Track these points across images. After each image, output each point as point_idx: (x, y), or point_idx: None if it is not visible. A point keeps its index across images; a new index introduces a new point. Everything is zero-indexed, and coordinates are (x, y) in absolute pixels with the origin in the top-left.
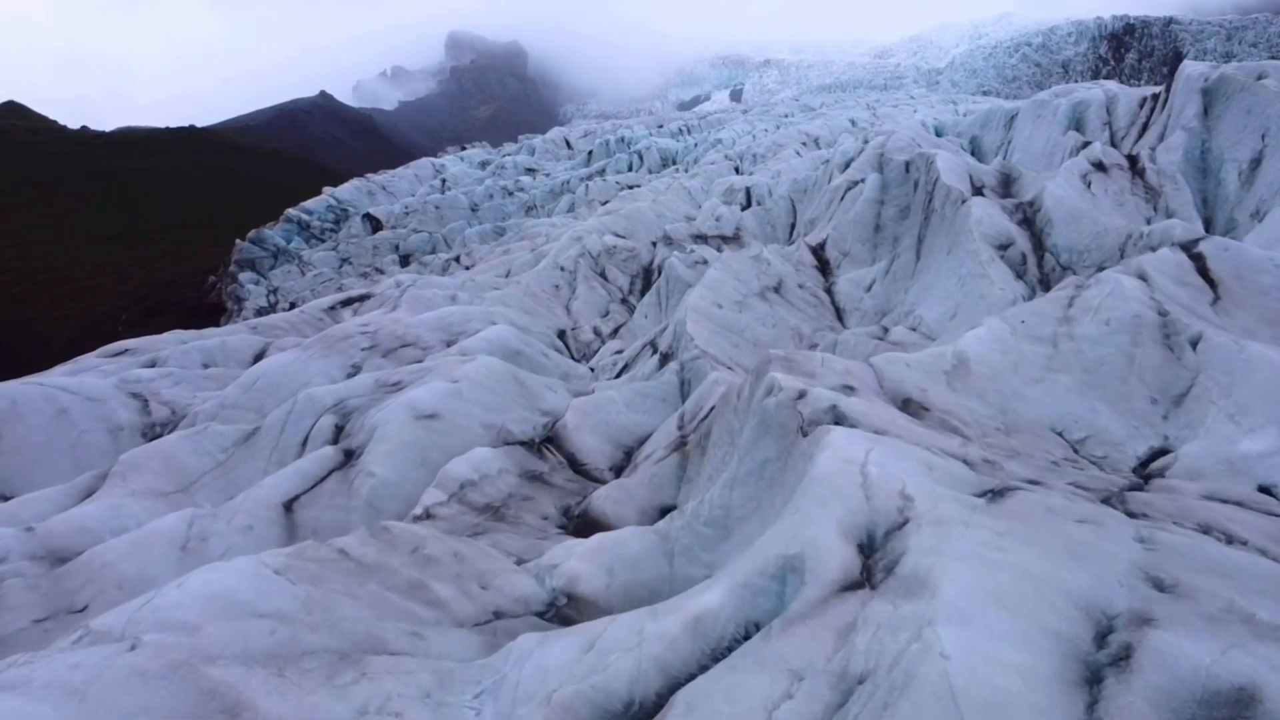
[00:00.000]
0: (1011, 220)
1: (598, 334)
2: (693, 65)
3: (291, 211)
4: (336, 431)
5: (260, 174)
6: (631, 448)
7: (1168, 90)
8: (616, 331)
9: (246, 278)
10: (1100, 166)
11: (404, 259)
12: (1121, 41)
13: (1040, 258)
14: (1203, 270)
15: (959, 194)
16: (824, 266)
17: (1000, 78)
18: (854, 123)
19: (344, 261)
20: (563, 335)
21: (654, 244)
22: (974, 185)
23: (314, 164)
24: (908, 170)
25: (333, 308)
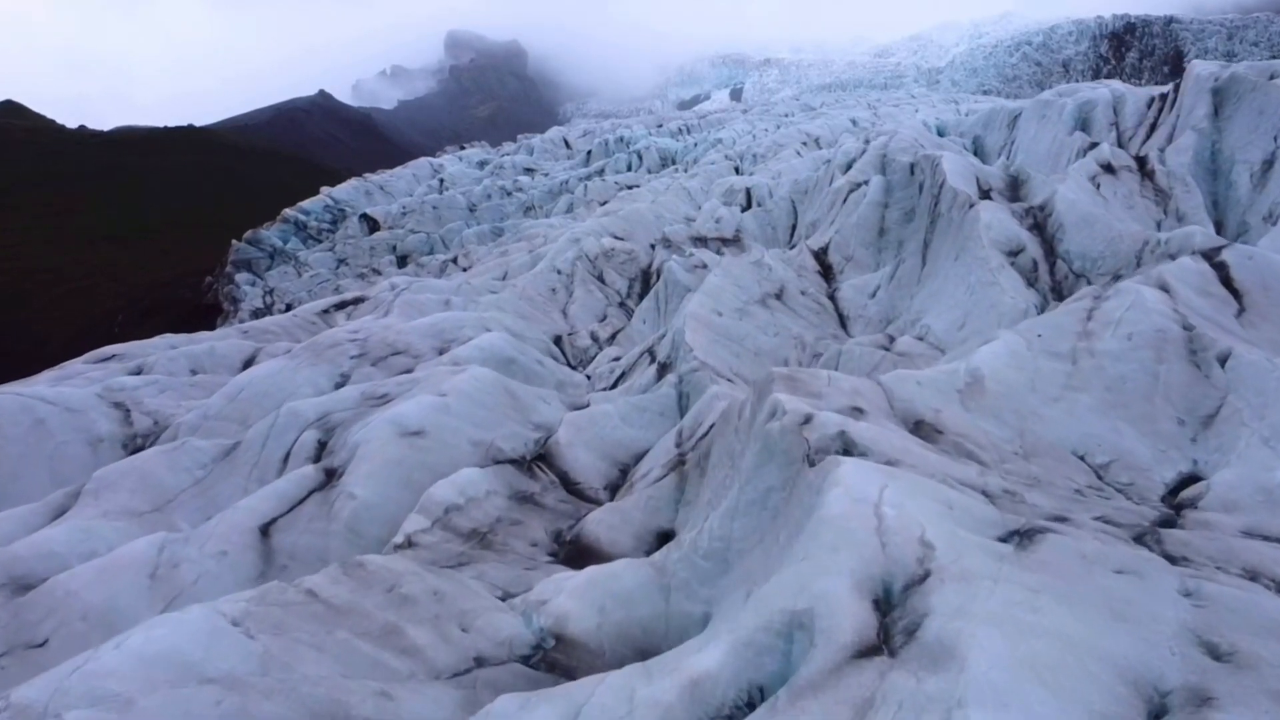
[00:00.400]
0: (1022, 225)
1: (595, 339)
2: (693, 64)
3: (288, 212)
4: (319, 448)
5: (259, 173)
6: (627, 465)
7: (1176, 90)
8: (614, 337)
9: (243, 279)
10: (1109, 168)
11: (401, 260)
12: (1122, 40)
13: (1052, 264)
14: (1226, 280)
15: (966, 197)
16: (827, 272)
17: (1001, 77)
18: (855, 122)
19: (341, 262)
20: (559, 341)
21: (653, 246)
22: (981, 188)
23: (313, 163)
24: (912, 172)
25: (326, 311)
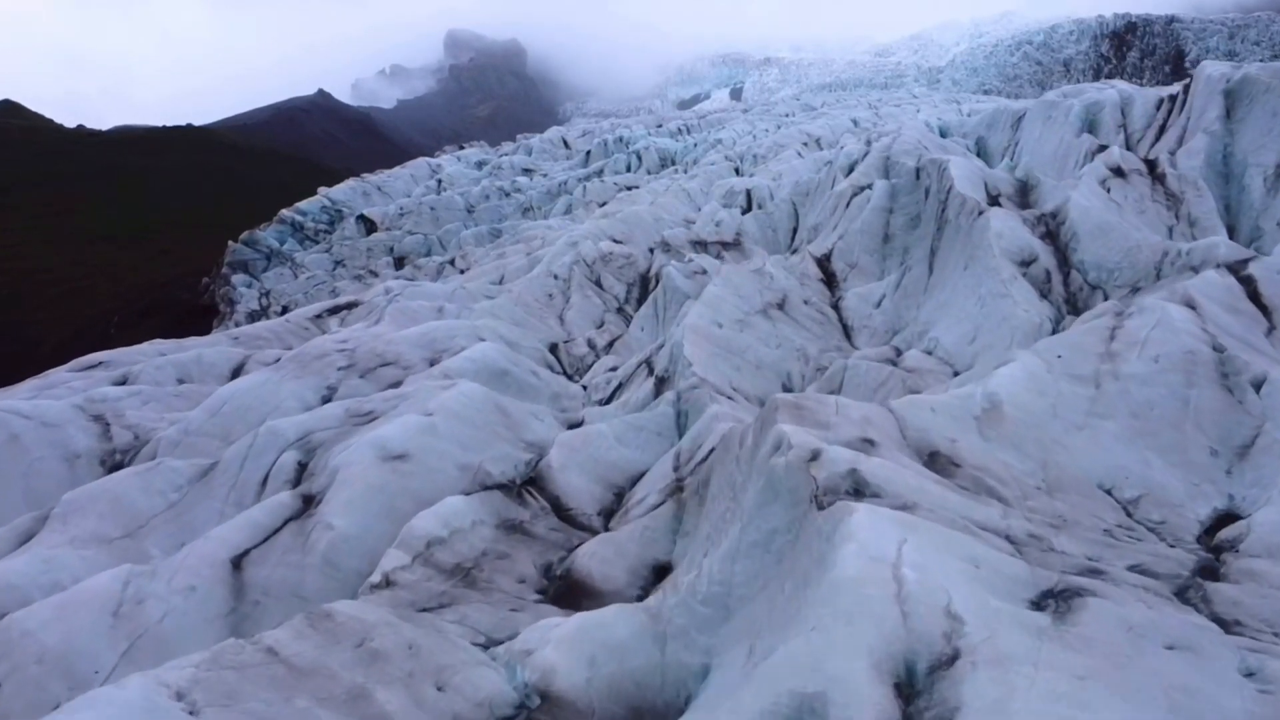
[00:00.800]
0: (1033, 234)
1: (592, 347)
2: (692, 64)
3: (285, 212)
4: (299, 470)
5: (258, 173)
6: (623, 488)
7: (1186, 91)
8: (611, 345)
9: (239, 280)
10: (1119, 172)
11: (398, 261)
12: (1123, 40)
13: (1065, 275)
14: (1253, 295)
15: (975, 204)
16: (830, 279)
17: (1001, 76)
18: (856, 123)
19: (338, 264)
20: (555, 349)
21: (651, 250)
22: (989, 193)
23: (312, 163)
24: (918, 177)
25: (319, 316)
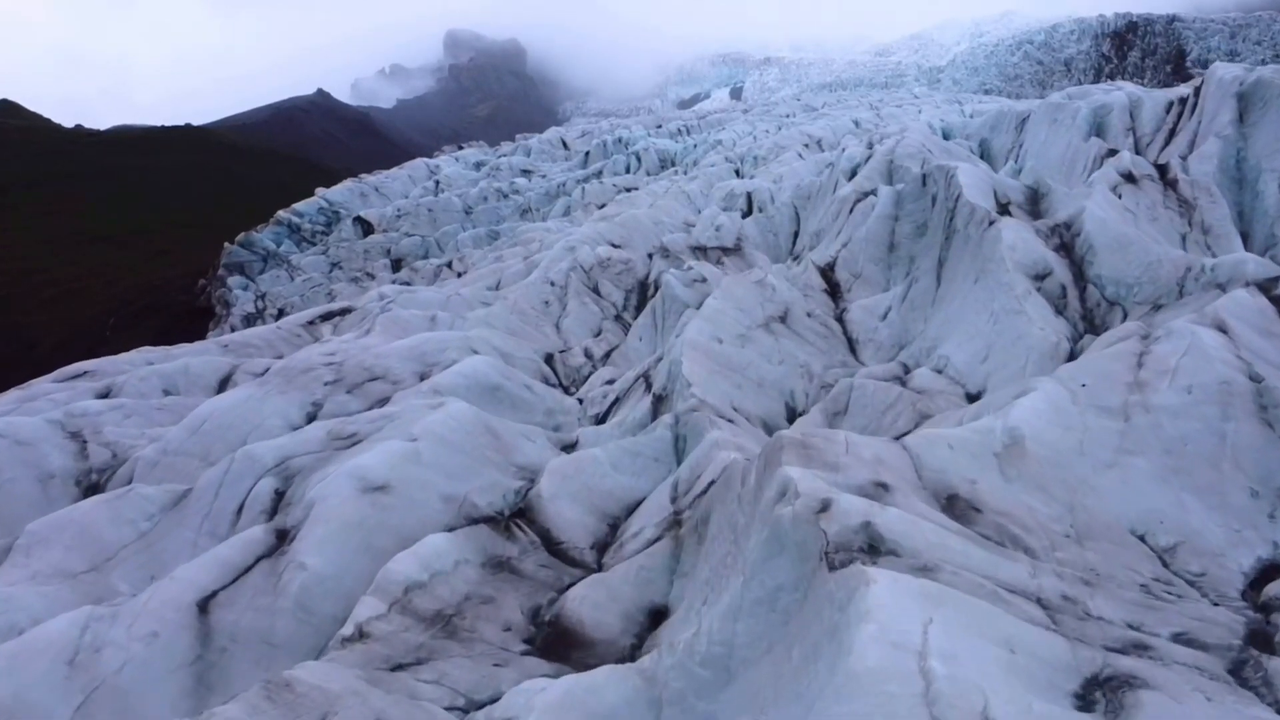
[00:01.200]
0: (1047, 246)
1: (589, 357)
2: (692, 63)
3: (282, 214)
4: (276, 498)
5: (257, 173)
6: (618, 518)
7: (1196, 94)
8: (609, 355)
9: (235, 282)
10: (1130, 178)
11: (396, 263)
12: (1124, 39)
13: (1082, 290)
14: None
15: (985, 213)
16: (834, 290)
17: (1002, 76)
18: (857, 123)
19: (334, 266)
20: (550, 359)
21: (650, 256)
22: (999, 201)
23: (311, 162)
24: (924, 183)
25: (312, 322)
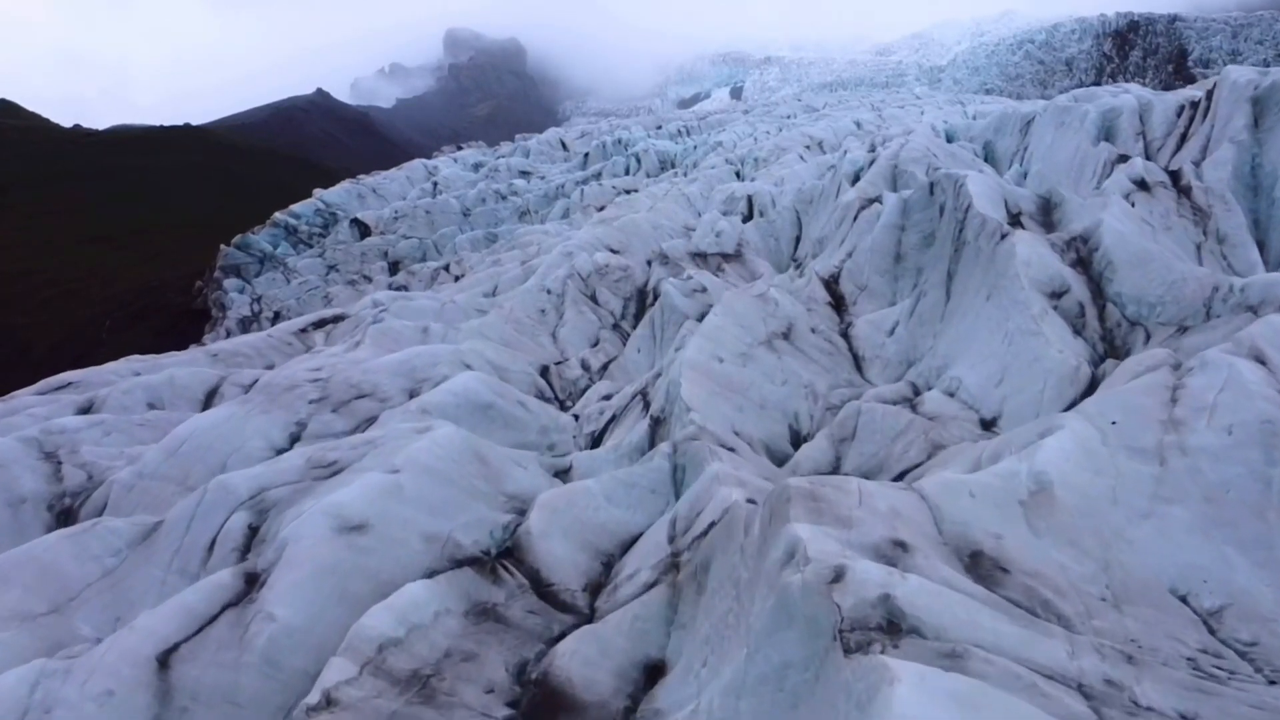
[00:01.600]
0: (1064, 261)
1: (586, 369)
2: (692, 63)
3: (279, 215)
4: (249, 534)
5: (256, 173)
6: (612, 555)
7: (1208, 97)
8: (606, 367)
9: (231, 285)
10: (1142, 185)
11: (393, 266)
12: (1125, 39)
13: (1101, 309)
14: None
15: (996, 226)
16: (838, 302)
17: (1003, 75)
18: (859, 124)
19: (331, 268)
20: (546, 371)
21: (649, 263)
22: (1010, 212)
23: (310, 162)
24: (932, 192)
25: (304, 330)
